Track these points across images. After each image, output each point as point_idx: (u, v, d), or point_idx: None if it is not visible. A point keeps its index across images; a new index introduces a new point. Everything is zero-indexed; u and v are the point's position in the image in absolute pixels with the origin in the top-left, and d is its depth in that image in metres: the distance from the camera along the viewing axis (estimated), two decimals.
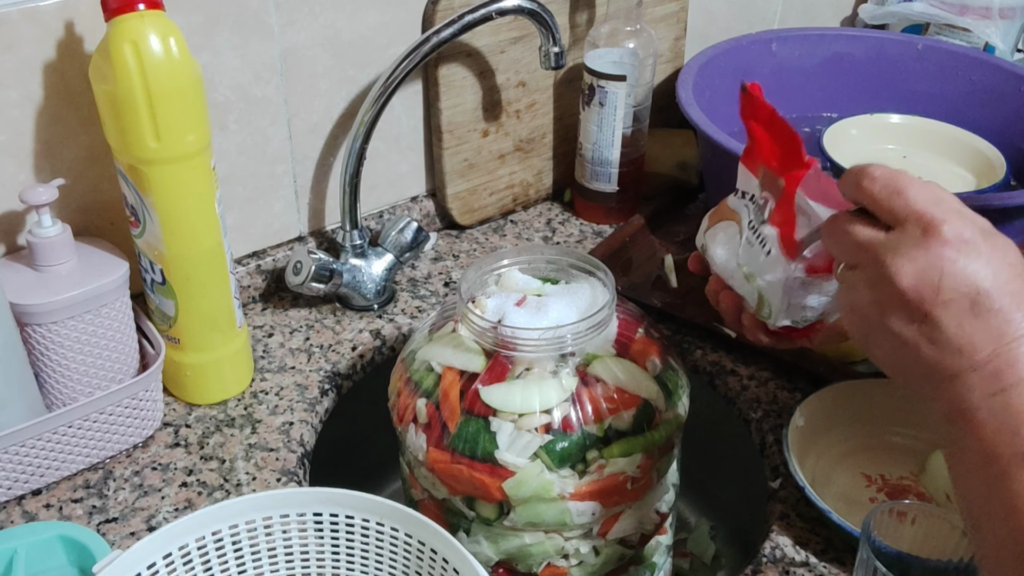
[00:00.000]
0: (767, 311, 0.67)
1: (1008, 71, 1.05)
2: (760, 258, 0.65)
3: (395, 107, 0.95)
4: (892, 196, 0.48)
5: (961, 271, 0.45)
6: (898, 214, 0.48)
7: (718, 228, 0.71)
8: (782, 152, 0.64)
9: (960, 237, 0.46)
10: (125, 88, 0.65)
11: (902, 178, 0.48)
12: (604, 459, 0.63)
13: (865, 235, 0.50)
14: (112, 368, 0.75)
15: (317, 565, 0.61)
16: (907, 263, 0.46)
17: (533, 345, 0.63)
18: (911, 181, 0.48)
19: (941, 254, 0.46)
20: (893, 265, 0.47)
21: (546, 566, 0.67)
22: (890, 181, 0.49)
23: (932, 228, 0.46)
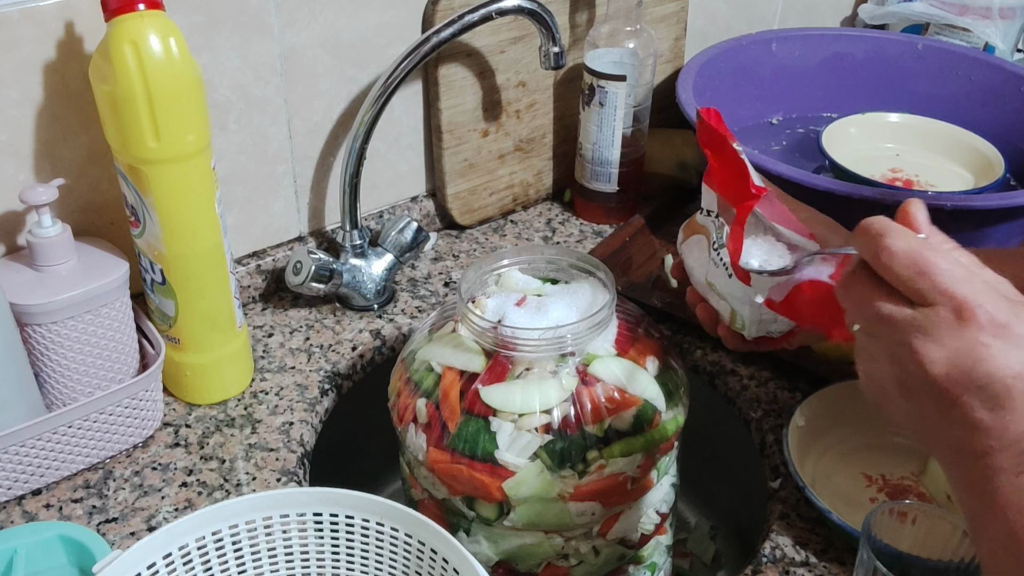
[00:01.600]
0: (740, 323, 0.68)
1: (1008, 71, 1.05)
2: (724, 278, 0.66)
3: (395, 107, 0.95)
4: (917, 277, 0.45)
5: (997, 357, 0.43)
6: (926, 295, 0.45)
7: (691, 241, 0.73)
8: (733, 181, 0.64)
9: (995, 321, 0.43)
10: (125, 88, 0.65)
11: (925, 254, 0.45)
12: (604, 459, 0.63)
13: (888, 310, 0.46)
14: (112, 368, 0.75)
15: (317, 565, 0.61)
16: (939, 350, 0.44)
17: (533, 345, 0.63)
18: (936, 258, 0.44)
19: (976, 339, 0.43)
20: (923, 350, 0.44)
21: (546, 566, 0.67)
22: (913, 259, 0.45)
23: (966, 312, 0.43)
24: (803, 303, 0.61)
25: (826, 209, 0.78)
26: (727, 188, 0.66)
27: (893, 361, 0.46)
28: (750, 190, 0.63)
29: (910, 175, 1.03)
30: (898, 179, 1.02)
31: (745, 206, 0.63)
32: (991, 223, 0.85)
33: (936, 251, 0.45)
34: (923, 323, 0.44)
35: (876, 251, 0.46)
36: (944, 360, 0.44)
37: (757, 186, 0.63)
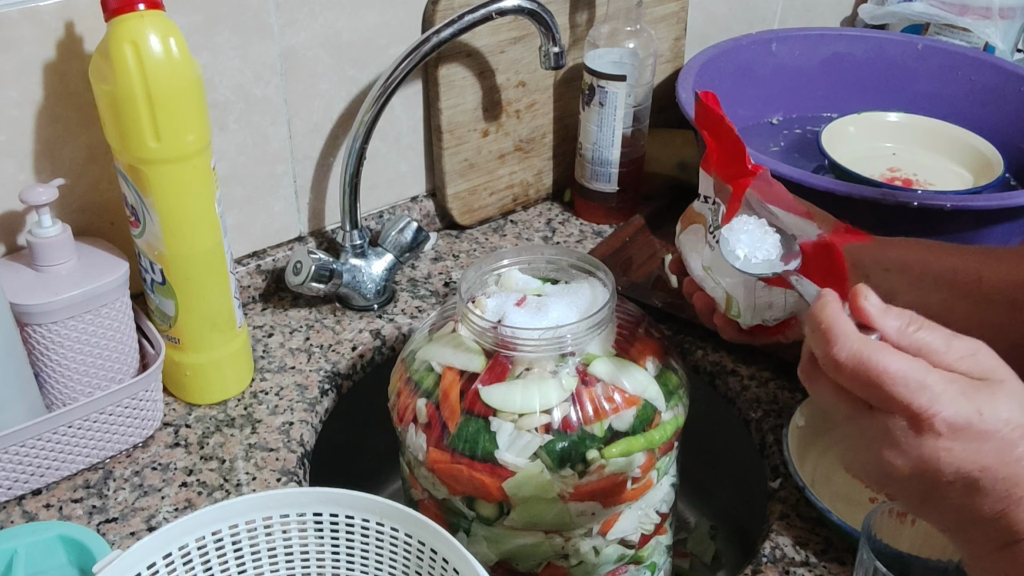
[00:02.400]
0: (736, 310, 0.68)
1: (1008, 71, 1.05)
2: (720, 261, 0.66)
3: (395, 107, 0.95)
4: (868, 389, 0.44)
5: (958, 457, 0.43)
6: (881, 406, 0.44)
7: (688, 232, 0.73)
8: (730, 160, 0.64)
9: (955, 426, 0.42)
10: (125, 88, 0.65)
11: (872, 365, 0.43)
12: (604, 459, 0.63)
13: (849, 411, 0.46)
14: (112, 368, 0.75)
15: (317, 565, 0.61)
16: (899, 456, 0.44)
17: (533, 345, 0.63)
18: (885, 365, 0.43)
19: (936, 447, 0.43)
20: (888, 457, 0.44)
21: (546, 566, 0.67)
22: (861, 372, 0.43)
23: (923, 423, 0.43)
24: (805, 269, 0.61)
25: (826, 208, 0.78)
26: (724, 168, 0.66)
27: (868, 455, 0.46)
28: (746, 167, 0.63)
29: (909, 174, 1.03)
30: (897, 178, 1.02)
31: (741, 183, 0.63)
32: (990, 223, 0.85)
33: (885, 354, 0.43)
34: (885, 430, 0.44)
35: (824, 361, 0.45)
36: (907, 465, 0.44)
37: (754, 164, 0.63)
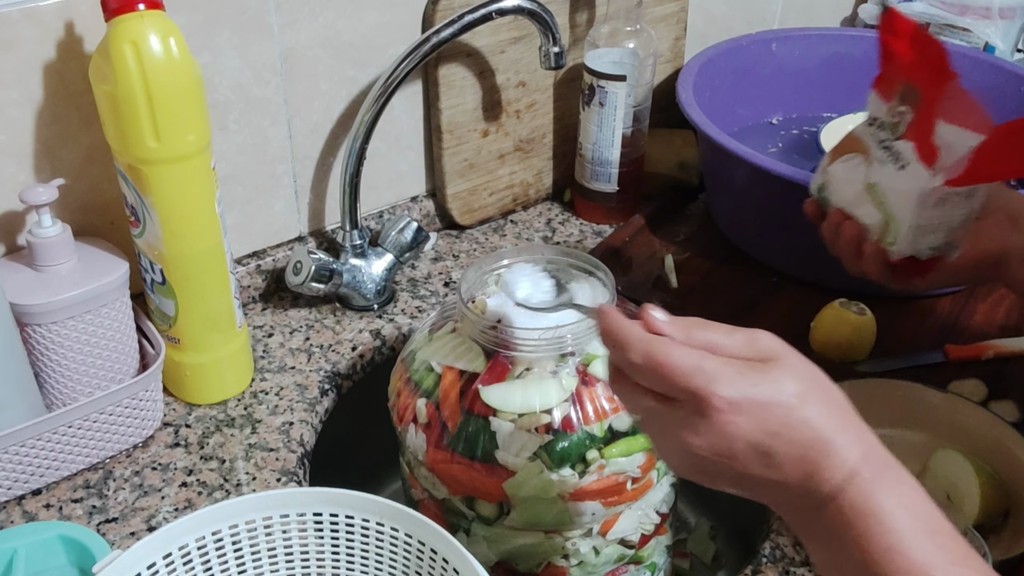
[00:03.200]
0: (892, 236, 0.68)
1: (1008, 71, 1.05)
2: (892, 174, 0.66)
3: (395, 107, 0.95)
4: (655, 380, 0.48)
5: (746, 429, 0.46)
6: (669, 393, 0.48)
7: (839, 162, 0.72)
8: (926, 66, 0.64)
9: (732, 402, 0.46)
10: (125, 88, 0.65)
11: (658, 356, 0.47)
12: (604, 459, 0.63)
13: (649, 405, 0.49)
14: (112, 368, 0.75)
15: (317, 565, 0.61)
16: (695, 437, 0.47)
17: (533, 345, 0.63)
18: (668, 355, 0.47)
19: (722, 421, 0.46)
20: (688, 440, 0.47)
21: (546, 566, 0.67)
22: (650, 365, 0.47)
23: (704, 403, 0.46)
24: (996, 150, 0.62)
25: None
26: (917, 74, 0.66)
27: (674, 447, 0.49)
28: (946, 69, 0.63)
29: None
30: None
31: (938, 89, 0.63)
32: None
33: (668, 348, 0.47)
34: (680, 417, 0.47)
35: (624, 366, 0.49)
36: (704, 444, 0.47)
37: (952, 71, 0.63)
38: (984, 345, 0.86)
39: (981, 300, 0.93)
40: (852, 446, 0.46)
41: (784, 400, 0.46)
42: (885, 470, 0.47)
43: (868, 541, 0.45)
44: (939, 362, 0.85)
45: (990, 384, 0.82)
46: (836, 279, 0.93)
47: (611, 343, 0.50)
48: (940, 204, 0.65)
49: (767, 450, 0.46)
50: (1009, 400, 0.81)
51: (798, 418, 0.46)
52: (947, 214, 0.66)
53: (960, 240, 0.67)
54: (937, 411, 0.77)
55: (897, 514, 0.45)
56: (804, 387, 0.47)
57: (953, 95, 0.63)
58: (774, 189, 0.90)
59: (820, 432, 0.46)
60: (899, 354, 0.86)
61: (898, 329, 0.90)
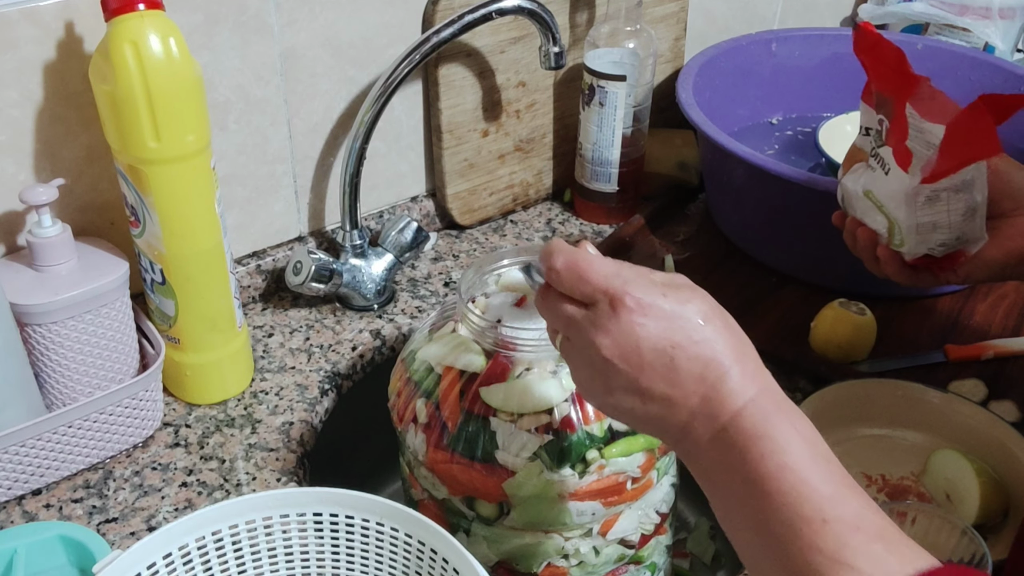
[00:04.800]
0: (899, 238, 0.69)
1: (1008, 71, 1.05)
2: (881, 180, 0.68)
3: (395, 107, 0.95)
4: (577, 282, 0.50)
5: (651, 333, 0.48)
6: (588, 296, 0.50)
7: (848, 174, 0.75)
8: (891, 74, 0.67)
9: (641, 303, 0.48)
10: (125, 88, 0.65)
11: (580, 263, 0.50)
12: (604, 459, 0.63)
13: (569, 311, 0.51)
14: (112, 368, 0.75)
15: (317, 565, 0.61)
16: (605, 337, 0.49)
17: (533, 345, 0.63)
18: (588, 263, 0.50)
19: (631, 321, 0.48)
20: (597, 340, 0.49)
21: (546, 566, 0.67)
22: (572, 269, 0.51)
23: (616, 301, 0.49)
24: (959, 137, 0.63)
25: (825, 206, 0.78)
26: (885, 83, 0.68)
27: (587, 361, 0.51)
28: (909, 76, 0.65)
29: None
30: None
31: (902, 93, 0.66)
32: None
33: (589, 257, 0.51)
34: (593, 319, 0.50)
35: (549, 275, 0.52)
36: (611, 344, 0.49)
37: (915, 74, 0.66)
38: (984, 345, 0.86)
39: (981, 300, 0.93)
40: (751, 375, 0.48)
41: (690, 316, 0.48)
42: (781, 402, 0.48)
43: (761, 461, 0.46)
44: (939, 362, 0.85)
45: (990, 384, 0.82)
46: (836, 279, 0.93)
47: (542, 256, 0.53)
48: (931, 202, 0.66)
49: (669, 361, 0.48)
50: (1009, 400, 0.81)
51: (701, 336, 0.48)
52: (944, 210, 0.66)
53: (975, 233, 0.67)
54: (937, 411, 0.77)
55: (792, 438, 0.46)
56: (710, 313, 0.49)
57: (924, 97, 0.65)
58: (774, 189, 0.90)
59: (720, 355, 0.48)
60: (899, 354, 0.86)
61: (898, 329, 0.90)
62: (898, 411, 0.77)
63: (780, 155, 1.11)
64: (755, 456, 0.46)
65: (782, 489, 0.45)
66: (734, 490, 0.47)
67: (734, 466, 0.47)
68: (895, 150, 0.67)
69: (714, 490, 0.50)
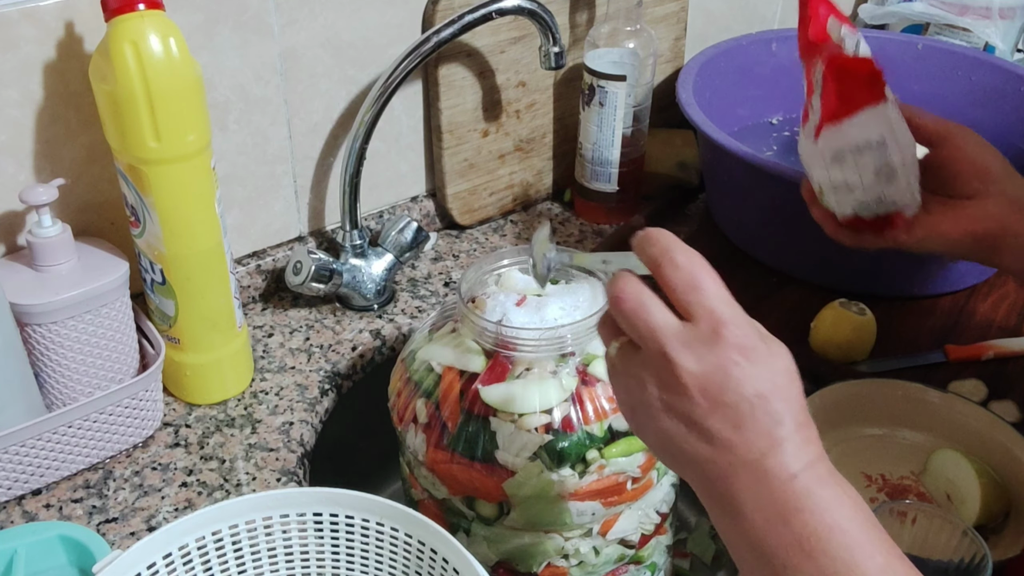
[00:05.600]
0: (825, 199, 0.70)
1: (1008, 71, 1.05)
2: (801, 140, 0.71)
3: (395, 107, 0.95)
4: (690, 290, 0.48)
5: (744, 376, 0.46)
6: (693, 310, 0.48)
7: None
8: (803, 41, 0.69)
9: (744, 342, 0.47)
10: (125, 88, 0.65)
11: (700, 272, 0.48)
12: (604, 459, 0.63)
13: (657, 319, 0.48)
14: (112, 368, 0.75)
15: (317, 565, 0.61)
16: (694, 360, 0.47)
17: (533, 345, 0.63)
18: (708, 278, 0.48)
19: (727, 356, 0.46)
20: (679, 359, 0.47)
21: (546, 566, 0.67)
22: (690, 274, 0.48)
23: (721, 329, 0.47)
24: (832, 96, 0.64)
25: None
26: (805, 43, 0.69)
27: (652, 377, 0.48)
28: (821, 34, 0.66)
29: None
30: None
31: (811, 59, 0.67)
32: None
33: (709, 272, 0.48)
34: (685, 337, 0.47)
35: (661, 260, 0.49)
36: (698, 372, 0.47)
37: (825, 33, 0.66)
38: (984, 345, 0.86)
39: (981, 300, 0.93)
40: (812, 441, 0.48)
41: (780, 370, 0.47)
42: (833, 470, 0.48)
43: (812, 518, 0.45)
44: (939, 362, 0.85)
45: (990, 384, 0.82)
46: (836, 279, 0.93)
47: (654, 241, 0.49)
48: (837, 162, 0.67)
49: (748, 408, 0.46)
50: (1009, 400, 0.81)
51: (784, 394, 0.47)
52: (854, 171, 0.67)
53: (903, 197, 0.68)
54: (937, 411, 0.77)
55: (844, 501, 0.46)
56: (794, 372, 0.48)
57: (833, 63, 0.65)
58: (774, 189, 0.90)
59: (793, 415, 0.47)
60: (899, 354, 0.86)
61: (898, 329, 0.90)
62: (898, 411, 0.77)
63: (780, 155, 1.11)
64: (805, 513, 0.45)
65: (829, 551, 0.45)
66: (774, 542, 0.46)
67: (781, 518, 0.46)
68: (803, 109, 0.69)
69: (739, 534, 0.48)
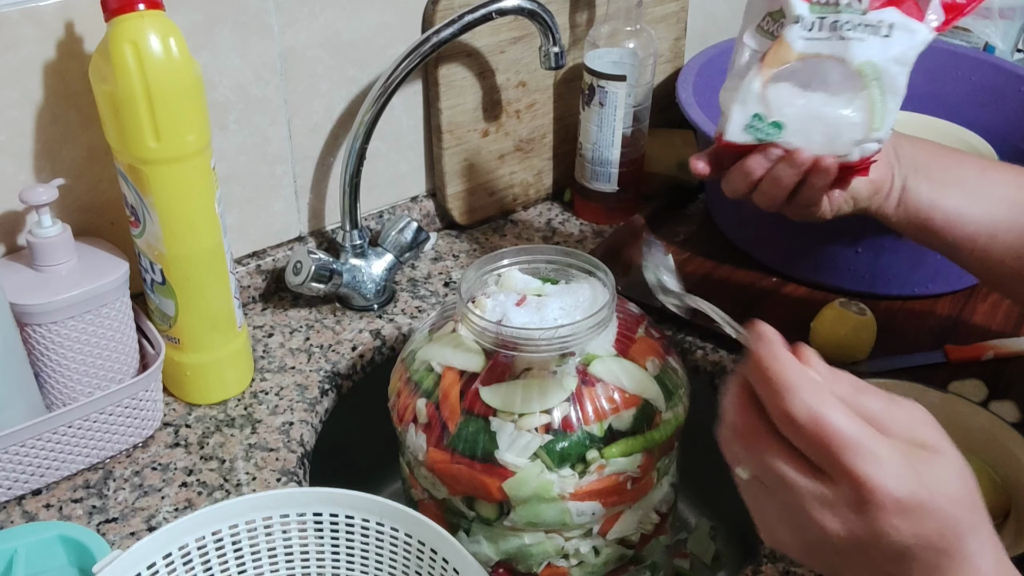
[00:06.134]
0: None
1: (1008, 71, 1.05)
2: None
3: (395, 107, 0.95)
4: (820, 451, 0.42)
5: (903, 534, 0.42)
6: (827, 469, 0.42)
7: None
8: None
9: (897, 502, 0.41)
10: (125, 88, 0.65)
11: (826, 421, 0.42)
12: (604, 459, 0.63)
13: (790, 475, 0.43)
14: (112, 368, 0.75)
15: (317, 565, 0.61)
16: (841, 526, 0.42)
17: (533, 345, 0.63)
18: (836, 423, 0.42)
19: (881, 522, 0.42)
20: (825, 522, 0.43)
21: (546, 566, 0.67)
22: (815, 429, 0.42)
23: (867, 495, 0.41)
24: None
25: None
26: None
27: (793, 523, 0.45)
28: None
29: None
30: None
31: None
32: None
33: (840, 414, 0.42)
34: (825, 498, 0.43)
35: (777, 411, 0.43)
36: (845, 533, 0.43)
37: None
38: (984, 345, 0.86)
39: (981, 300, 0.93)
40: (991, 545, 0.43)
41: (946, 506, 0.42)
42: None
43: None
44: (939, 362, 0.85)
45: (990, 384, 0.82)
46: (836, 279, 0.93)
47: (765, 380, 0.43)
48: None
49: (911, 554, 0.42)
50: (1009, 400, 0.81)
51: (955, 532, 0.42)
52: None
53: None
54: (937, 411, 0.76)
55: None
56: (965, 489, 0.43)
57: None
58: None
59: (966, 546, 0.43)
60: (899, 354, 0.86)
61: (898, 329, 0.90)
62: None
63: None
64: None
65: None
66: None
67: None
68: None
69: None
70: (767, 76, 0.62)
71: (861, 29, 0.62)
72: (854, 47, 0.61)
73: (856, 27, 0.62)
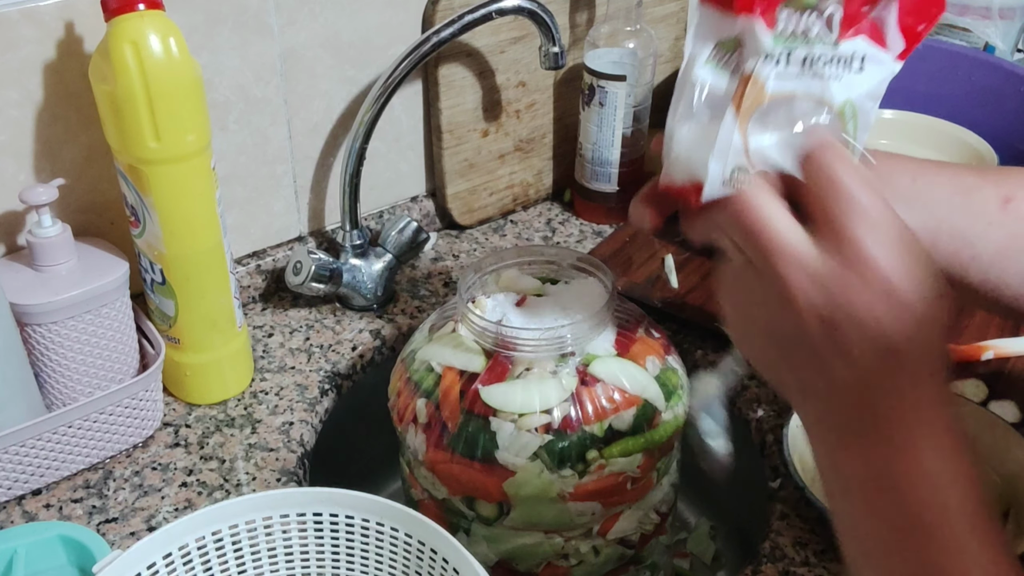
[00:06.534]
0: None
1: (1008, 71, 1.05)
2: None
3: (395, 107, 0.95)
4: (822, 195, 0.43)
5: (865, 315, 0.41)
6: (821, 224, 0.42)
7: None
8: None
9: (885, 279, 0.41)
10: (125, 88, 0.65)
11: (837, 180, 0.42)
12: (604, 459, 0.63)
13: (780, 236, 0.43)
14: (112, 368, 0.75)
15: (317, 565, 0.61)
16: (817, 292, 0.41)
17: (533, 345, 0.63)
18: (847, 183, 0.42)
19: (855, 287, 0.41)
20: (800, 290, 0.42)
21: (546, 566, 0.67)
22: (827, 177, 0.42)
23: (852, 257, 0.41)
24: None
25: None
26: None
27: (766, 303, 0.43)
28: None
29: None
30: None
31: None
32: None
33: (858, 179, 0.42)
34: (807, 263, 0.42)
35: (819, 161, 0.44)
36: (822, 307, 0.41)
37: None
38: (984, 345, 0.86)
39: None
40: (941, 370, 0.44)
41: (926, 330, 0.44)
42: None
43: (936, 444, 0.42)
44: None
45: (990, 384, 0.82)
46: None
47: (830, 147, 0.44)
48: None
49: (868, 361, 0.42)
50: (1009, 400, 0.81)
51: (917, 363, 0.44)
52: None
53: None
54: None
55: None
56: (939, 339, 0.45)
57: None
58: None
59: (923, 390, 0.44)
60: None
61: None
62: None
63: None
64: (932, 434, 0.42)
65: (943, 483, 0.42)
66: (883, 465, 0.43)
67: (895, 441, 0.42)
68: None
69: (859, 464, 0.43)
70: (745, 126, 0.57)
71: (835, 64, 0.57)
72: (832, 86, 0.56)
73: (830, 62, 0.57)
